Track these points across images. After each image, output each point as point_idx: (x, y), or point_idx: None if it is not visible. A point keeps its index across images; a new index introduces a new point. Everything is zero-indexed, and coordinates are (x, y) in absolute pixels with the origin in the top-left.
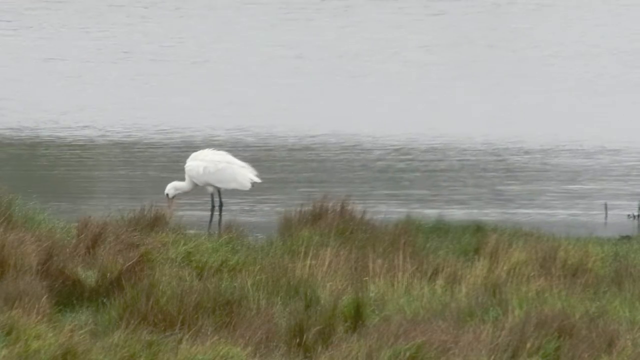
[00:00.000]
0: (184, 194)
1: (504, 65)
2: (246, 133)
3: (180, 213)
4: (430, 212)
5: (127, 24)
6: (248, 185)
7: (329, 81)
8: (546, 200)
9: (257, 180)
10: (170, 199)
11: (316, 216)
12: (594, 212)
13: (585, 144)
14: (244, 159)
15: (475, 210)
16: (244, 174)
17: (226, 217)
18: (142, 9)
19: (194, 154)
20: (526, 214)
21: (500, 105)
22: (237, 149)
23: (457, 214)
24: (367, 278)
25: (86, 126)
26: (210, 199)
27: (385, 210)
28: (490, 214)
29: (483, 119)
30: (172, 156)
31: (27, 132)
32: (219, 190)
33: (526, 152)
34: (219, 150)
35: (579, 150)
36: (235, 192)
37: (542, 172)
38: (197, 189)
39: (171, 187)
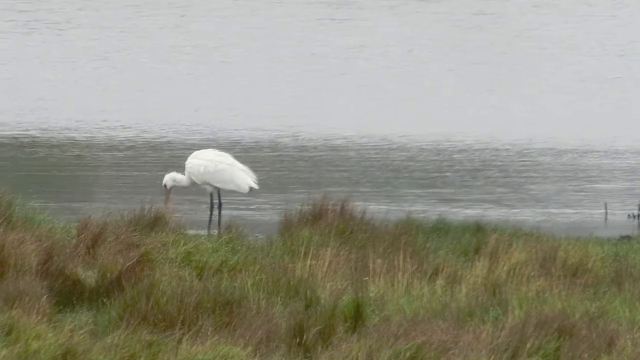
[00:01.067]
0: (182, 188)
1: (528, 65)
2: (273, 134)
3: (180, 213)
4: (457, 212)
5: (160, 23)
6: (246, 189)
7: (355, 81)
8: (545, 200)
9: (255, 186)
10: (167, 190)
11: (316, 216)
12: (594, 212)
13: (587, 144)
14: (271, 158)
15: (506, 210)
16: (243, 178)
17: (255, 216)
18: (176, 8)
19: (196, 152)
20: (563, 214)
21: (522, 106)
22: (265, 148)
23: (490, 214)
24: (367, 278)
25: (99, 127)
26: (209, 198)
27: (413, 210)
28: (521, 214)
29: (507, 119)
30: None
31: (51, 134)
32: (218, 190)
33: (533, 153)
34: (223, 151)
35: (579, 151)
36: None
37: (543, 172)
38: (196, 187)
39: (169, 178)
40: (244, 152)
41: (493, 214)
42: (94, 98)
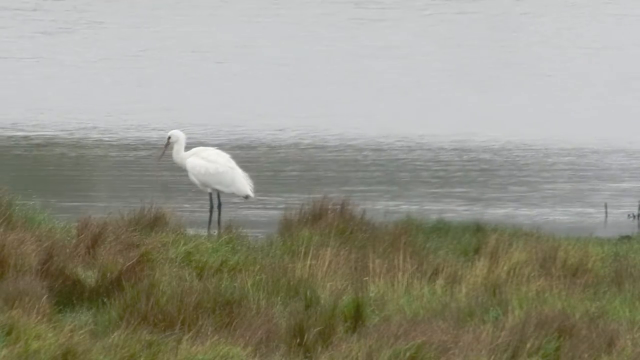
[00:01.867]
0: (173, 159)
1: (547, 66)
2: (294, 133)
3: (180, 213)
4: (477, 211)
5: (188, 24)
6: (245, 192)
7: (375, 81)
8: (546, 200)
9: (251, 194)
10: (168, 142)
11: (316, 216)
12: (594, 212)
13: (585, 144)
14: (291, 158)
15: (526, 210)
16: (243, 182)
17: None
18: (201, 9)
19: (197, 149)
20: (563, 214)
21: (538, 106)
22: (285, 148)
23: (508, 214)
24: (367, 278)
25: (104, 127)
26: (209, 198)
27: (434, 210)
28: (528, 214)
29: (526, 119)
30: None
31: (51, 134)
32: (217, 191)
33: (535, 153)
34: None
35: (580, 150)
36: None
37: (543, 171)
38: (195, 187)
39: (177, 134)
40: (264, 153)
41: (510, 214)
42: (103, 97)
